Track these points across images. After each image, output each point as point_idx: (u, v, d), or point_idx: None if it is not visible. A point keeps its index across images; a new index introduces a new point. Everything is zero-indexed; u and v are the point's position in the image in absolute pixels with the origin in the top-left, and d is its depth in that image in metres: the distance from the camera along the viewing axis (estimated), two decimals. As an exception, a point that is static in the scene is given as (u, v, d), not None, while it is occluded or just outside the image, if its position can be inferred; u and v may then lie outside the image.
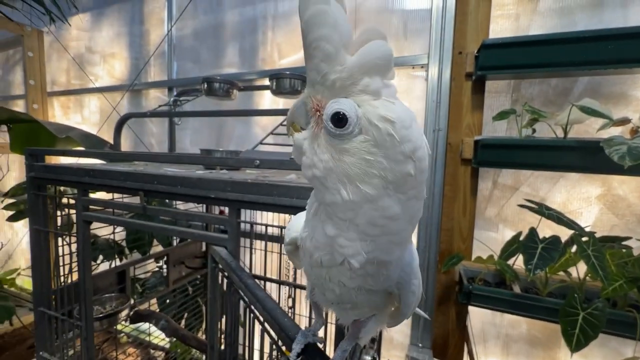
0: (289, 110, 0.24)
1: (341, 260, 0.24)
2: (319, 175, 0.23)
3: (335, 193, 0.23)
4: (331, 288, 0.28)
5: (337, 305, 0.30)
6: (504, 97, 1.28)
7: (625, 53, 0.97)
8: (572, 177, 1.21)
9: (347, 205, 0.23)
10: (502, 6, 1.26)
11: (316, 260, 0.26)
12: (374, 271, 0.25)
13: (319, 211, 0.25)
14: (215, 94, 1.03)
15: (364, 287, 0.26)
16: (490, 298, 1.10)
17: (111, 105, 2.18)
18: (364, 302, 0.28)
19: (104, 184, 0.68)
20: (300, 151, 0.24)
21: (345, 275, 0.25)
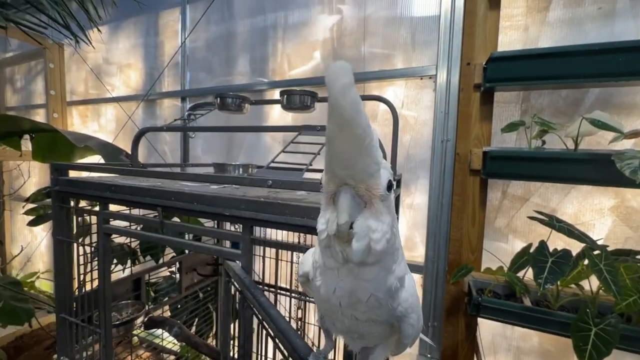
0: (342, 212, 0.23)
1: (367, 297, 0.27)
2: (388, 237, 0.26)
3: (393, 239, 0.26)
4: (341, 320, 0.30)
5: (346, 334, 0.32)
6: (513, 107, 1.28)
7: (636, 65, 0.96)
8: (584, 189, 1.20)
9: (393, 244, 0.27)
10: (510, 17, 1.26)
11: (333, 303, 0.28)
12: (384, 302, 0.27)
13: (339, 270, 0.28)
14: (228, 108, 1.07)
15: (372, 319, 0.30)
16: (500, 310, 1.09)
17: (127, 114, 2.25)
18: (370, 332, 0.31)
19: (124, 199, 0.72)
20: (365, 232, 0.25)
21: (360, 310, 0.28)
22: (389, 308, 0.29)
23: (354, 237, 0.24)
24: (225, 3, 1.88)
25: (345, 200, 0.23)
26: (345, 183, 0.24)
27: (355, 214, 0.24)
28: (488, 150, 1.16)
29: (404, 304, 0.30)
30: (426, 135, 1.41)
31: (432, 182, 1.34)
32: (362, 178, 0.24)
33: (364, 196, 0.24)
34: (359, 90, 1.55)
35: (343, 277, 0.28)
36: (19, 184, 2.94)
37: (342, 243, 0.25)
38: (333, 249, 0.26)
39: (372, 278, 0.27)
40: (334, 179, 0.24)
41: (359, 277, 0.27)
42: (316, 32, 1.64)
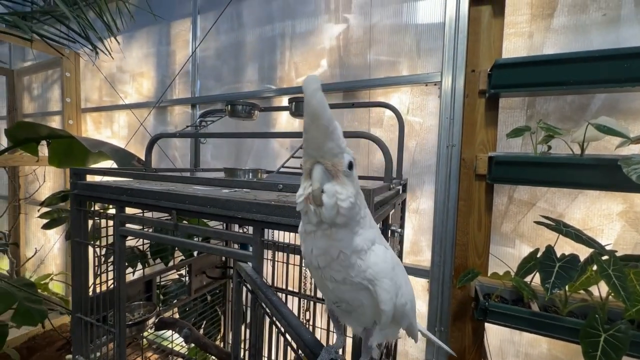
0: (315, 181, 0.32)
1: (337, 254, 0.33)
2: (352, 200, 0.33)
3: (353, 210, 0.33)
4: (326, 285, 0.36)
5: (340, 308, 0.36)
6: (518, 113, 1.29)
7: None
8: (592, 194, 1.20)
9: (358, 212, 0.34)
10: (515, 24, 1.28)
11: (317, 263, 0.35)
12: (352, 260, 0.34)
13: (311, 233, 0.35)
14: (238, 115, 1.11)
15: (348, 280, 0.34)
16: (507, 315, 1.09)
17: (138, 120, 2.32)
18: (354, 299, 0.36)
19: (139, 202, 0.75)
20: (333, 194, 0.32)
21: (334, 269, 0.34)
22: (360, 269, 0.34)
23: (324, 197, 0.31)
24: (235, 13, 1.94)
25: (318, 172, 0.31)
26: (318, 161, 0.31)
27: (325, 182, 0.32)
28: (494, 156, 1.17)
29: (374, 267, 0.34)
30: (431, 141, 1.43)
31: (438, 187, 1.35)
32: (329, 157, 0.31)
33: (332, 171, 0.32)
34: (365, 97, 1.57)
35: (318, 238, 0.34)
36: (34, 188, 3.03)
37: (316, 206, 0.32)
38: (309, 213, 0.33)
39: (341, 238, 0.33)
40: (310, 158, 0.32)
41: (330, 237, 0.34)
42: (323, 40, 1.68)
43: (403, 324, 0.41)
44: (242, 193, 0.70)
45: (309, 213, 0.33)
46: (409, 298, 0.40)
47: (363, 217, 0.35)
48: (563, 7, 1.21)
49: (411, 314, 0.42)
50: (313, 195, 0.31)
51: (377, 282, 0.35)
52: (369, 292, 0.35)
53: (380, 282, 0.35)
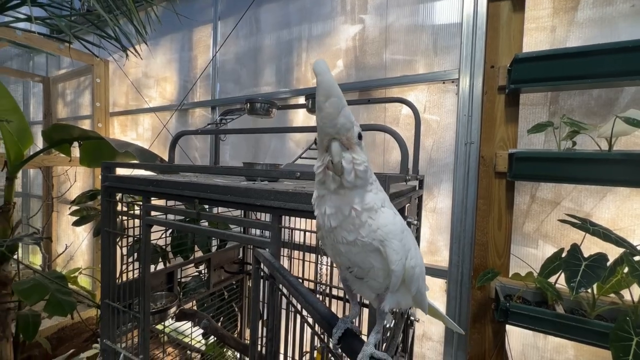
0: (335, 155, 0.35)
1: (348, 211, 0.36)
2: (366, 165, 0.37)
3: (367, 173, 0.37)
4: (339, 249, 0.38)
5: (352, 274, 0.40)
6: (540, 109, 1.25)
7: None
8: (622, 192, 1.14)
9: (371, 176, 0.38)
10: (536, 19, 1.25)
11: (329, 224, 0.37)
12: (363, 217, 0.36)
13: (326, 196, 0.38)
14: (257, 112, 1.15)
15: (359, 241, 0.36)
16: (530, 317, 1.05)
17: (162, 122, 2.43)
18: (365, 262, 0.38)
19: (165, 192, 0.79)
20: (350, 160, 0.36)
21: (345, 229, 0.36)
22: (370, 228, 0.36)
23: (344, 165, 0.35)
24: (253, 19, 2.00)
25: (336, 146, 0.35)
26: (333, 137, 0.35)
27: (342, 154, 0.35)
28: (514, 152, 1.14)
29: (383, 228, 0.37)
30: (449, 139, 1.41)
31: (456, 185, 1.33)
32: (343, 132, 0.35)
33: (346, 144, 0.36)
34: (381, 96, 1.57)
35: (331, 199, 0.37)
36: (65, 187, 3.22)
37: (338, 174, 0.35)
38: (328, 180, 0.37)
39: (353, 196, 0.37)
40: (326, 136, 0.35)
41: (342, 197, 0.37)
42: (339, 41, 1.70)
43: (412, 289, 0.41)
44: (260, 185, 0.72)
45: (327, 180, 0.37)
46: (418, 262, 0.41)
47: (372, 182, 0.39)
48: (588, 0, 1.17)
49: (420, 279, 0.43)
50: (334, 165, 0.35)
51: (387, 243, 0.37)
52: (379, 254, 0.37)
53: (389, 243, 0.37)
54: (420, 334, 1.49)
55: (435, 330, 1.46)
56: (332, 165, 0.35)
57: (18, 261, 2.03)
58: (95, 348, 1.52)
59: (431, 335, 1.47)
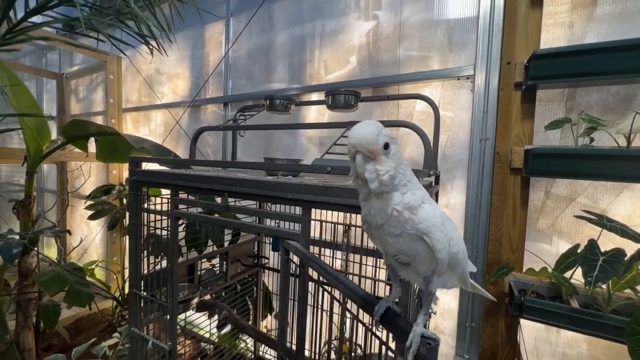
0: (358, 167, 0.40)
1: (390, 211, 0.40)
2: (392, 173, 0.40)
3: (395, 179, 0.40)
4: (387, 240, 0.42)
5: (398, 261, 0.43)
6: (557, 105, 1.25)
7: None
8: (638, 188, 1.14)
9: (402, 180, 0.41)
10: (554, 15, 1.25)
11: (376, 222, 0.42)
12: (404, 214, 0.40)
13: (369, 197, 0.42)
14: (276, 109, 1.17)
15: (404, 233, 0.40)
16: (544, 311, 1.06)
17: (174, 119, 2.46)
18: (412, 250, 0.41)
19: (194, 186, 0.82)
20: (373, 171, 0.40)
21: (392, 225, 0.41)
22: (413, 222, 0.40)
23: (366, 176, 0.39)
24: (266, 15, 2.01)
25: (359, 159, 0.39)
26: (358, 151, 0.39)
27: (364, 165, 0.39)
28: (531, 148, 1.14)
29: (425, 222, 0.40)
30: (463, 135, 1.42)
31: (470, 181, 1.34)
32: (365, 146, 0.39)
33: (369, 156, 0.39)
34: (395, 93, 1.58)
35: (374, 202, 0.42)
36: (79, 182, 3.29)
37: (363, 183, 0.40)
38: (360, 186, 0.42)
39: (390, 198, 0.40)
40: (352, 148, 0.40)
41: (383, 200, 0.41)
42: (352, 38, 1.71)
43: (457, 271, 0.46)
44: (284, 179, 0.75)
45: (360, 187, 0.42)
46: (460, 248, 0.45)
47: (408, 183, 0.42)
48: (607, -5, 1.16)
49: (463, 262, 0.46)
50: (358, 176, 0.40)
51: (431, 235, 0.40)
52: (423, 243, 0.41)
53: (433, 235, 0.40)
54: (432, 328, 1.51)
55: (447, 324, 1.48)
56: (356, 175, 0.40)
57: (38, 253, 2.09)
58: (116, 337, 1.57)
59: (443, 329, 1.49)
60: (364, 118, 1.53)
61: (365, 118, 1.54)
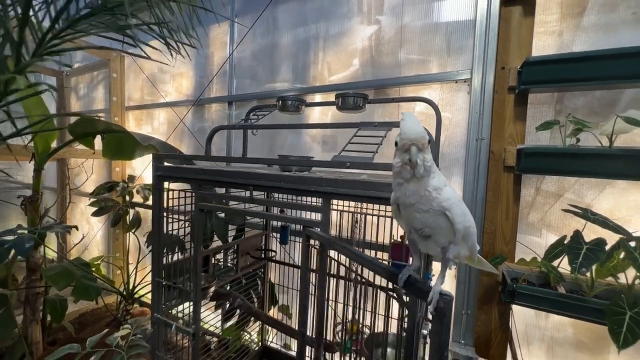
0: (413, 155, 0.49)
1: (423, 191, 0.50)
2: (431, 162, 0.50)
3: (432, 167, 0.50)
4: (415, 216, 0.51)
5: (422, 234, 0.52)
6: (547, 108, 1.35)
7: None
8: (620, 185, 1.24)
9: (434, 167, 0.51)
10: (545, 23, 1.34)
11: (408, 202, 0.51)
12: (433, 194, 0.50)
13: (404, 183, 0.51)
14: (288, 109, 1.24)
15: (431, 209, 0.50)
16: (534, 297, 1.16)
17: (178, 117, 2.51)
18: (435, 223, 0.51)
19: (219, 180, 0.89)
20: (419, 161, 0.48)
21: (422, 203, 0.50)
22: (439, 200, 0.50)
23: (418, 162, 0.48)
24: (270, 17, 2.07)
25: (414, 150, 0.48)
26: (413, 143, 0.48)
27: (418, 154, 0.48)
28: (523, 148, 1.24)
29: (448, 201, 0.50)
30: (459, 135, 1.51)
31: (467, 178, 1.43)
32: (419, 141, 0.48)
33: (420, 147, 0.49)
34: (395, 94, 1.66)
35: (410, 185, 0.51)
36: (79, 179, 3.31)
37: (412, 168, 0.49)
38: (404, 171, 0.50)
39: (425, 182, 0.50)
40: (408, 141, 0.48)
41: (419, 183, 0.50)
42: (355, 41, 1.78)
43: (469, 242, 0.55)
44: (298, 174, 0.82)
45: (403, 172, 0.50)
46: (471, 224, 0.55)
47: (434, 171, 0.52)
48: (593, 6, 1.26)
49: (473, 235, 0.56)
50: (411, 162, 0.48)
51: (452, 210, 0.50)
52: (445, 217, 0.50)
53: (453, 210, 0.50)
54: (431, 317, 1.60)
55: (444, 312, 1.57)
56: (410, 162, 0.48)
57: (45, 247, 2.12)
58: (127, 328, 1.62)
59: (440, 317, 1.58)
60: (369, 118, 1.61)
61: (370, 118, 1.63)
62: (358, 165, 0.71)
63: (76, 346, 1.55)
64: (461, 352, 1.39)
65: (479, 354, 1.38)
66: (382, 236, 1.45)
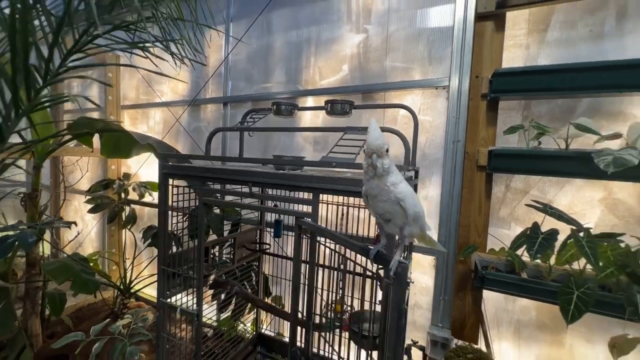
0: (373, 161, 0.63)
1: (383, 186, 0.64)
2: (388, 166, 0.63)
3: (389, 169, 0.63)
4: (378, 204, 0.66)
5: (384, 218, 0.66)
6: (515, 113, 1.50)
7: (620, 80, 1.17)
8: (577, 183, 1.40)
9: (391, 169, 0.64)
10: (514, 37, 1.48)
11: (373, 194, 0.66)
12: (390, 188, 0.63)
13: (370, 179, 0.65)
14: (282, 113, 1.35)
15: (389, 200, 0.64)
16: (501, 282, 1.31)
17: (174, 117, 2.58)
18: (393, 210, 0.65)
19: (221, 177, 0.99)
20: (378, 164, 0.62)
21: (382, 195, 0.65)
22: (395, 192, 0.64)
23: (377, 165, 0.62)
24: (265, 21, 2.17)
25: (375, 157, 0.62)
26: (374, 152, 0.61)
27: (377, 160, 0.62)
28: (493, 149, 1.38)
29: (401, 193, 0.64)
30: (439, 137, 1.64)
31: (444, 177, 1.57)
32: (378, 150, 0.62)
33: (380, 154, 0.62)
34: (381, 99, 1.79)
35: (374, 182, 0.64)
36: (72, 177, 3.34)
37: (374, 169, 0.62)
38: (369, 171, 0.64)
39: (383, 180, 0.63)
40: (370, 151, 0.62)
41: (379, 180, 0.64)
42: (344, 48, 1.90)
43: (418, 224, 0.69)
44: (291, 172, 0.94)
45: (368, 171, 0.64)
46: (420, 209, 0.68)
47: (393, 171, 0.65)
48: (555, 24, 1.41)
49: (422, 219, 0.70)
50: (372, 165, 0.62)
51: (405, 200, 0.64)
52: (399, 206, 0.64)
53: (406, 200, 0.64)
54: (412, 304, 1.74)
55: (425, 299, 1.71)
56: (371, 165, 0.62)
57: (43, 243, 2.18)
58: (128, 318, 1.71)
59: (421, 304, 1.73)
60: (356, 122, 1.73)
61: (357, 122, 1.75)
62: (343, 165, 0.83)
63: (80, 334, 1.65)
64: (439, 334, 1.53)
65: (455, 336, 1.52)
66: (368, 230, 1.58)
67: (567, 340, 1.43)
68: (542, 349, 1.48)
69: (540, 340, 1.48)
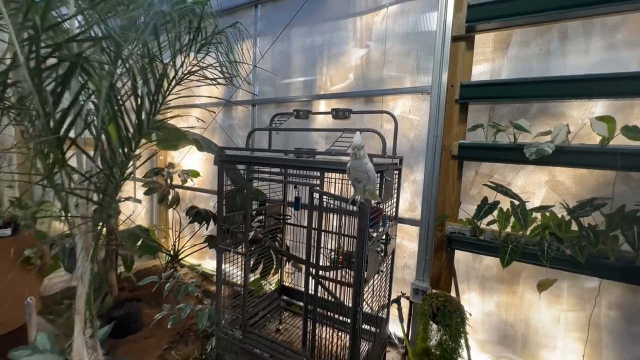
0: (352, 156, 1.09)
1: (359, 163, 1.11)
2: (362, 153, 1.13)
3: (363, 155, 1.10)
4: (354, 173, 1.14)
5: (357, 181, 1.10)
6: (483, 114, 1.90)
7: (561, 91, 1.56)
8: (529, 168, 1.80)
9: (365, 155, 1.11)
10: (482, 53, 1.88)
11: (353, 167, 1.12)
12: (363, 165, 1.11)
13: (353, 160, 1.13)
14: (300, 117, 1.83)
15: (362, 170, 1.12)
16: (464, 242, 1.76)
17: (211, 115, 3.12)
18: (362, 176, 1.13)
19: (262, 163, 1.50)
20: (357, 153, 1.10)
21: (358, 167, 1.12)
22: (364, 167, 1.11)
23: (356, 154, 1.11)
24: (287, 37, 2.64)
25: (354, 150, 1.11)
26: (355, 147, 1.10)
27: (357, 151, 1.09)
28: (461, 143, 1.80)
29: (367, 166, 1.12)
30: (424, 133, 2.07)
31: (427, 164, 2.00)
32: (358, 146, 1.10)
33: (358, 148, 1.11)
34: (380, 102, 2.25)
35: (354, 162, 1.14)
36: (126, 167, 3.98)
37: (355, 155, 1.11)
38: (352, 156, 1.14)
39: (360, 160, 1.12)
40: (352, 146, 1.11)
41: (357, 161, 1.13)
42: (350, 60, 2.34)
43: (374, 184, 1.15)
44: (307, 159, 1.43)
45: (352, 156, 1.12)
46: (375, 177, 1.14)
47: (365, 156, 1.12)
48: (514, 43, 1.79)
49: (375, 182, 1.16)
50: (354, 153, 1.10)
51: (369, 171, 1.10)
52: (366, 174, 1.11)
53: (370, 171, 1.10)
54: (402, 265, 2.21)
55: (412, 262, 2.17)
56: (354, 153, 1.08)
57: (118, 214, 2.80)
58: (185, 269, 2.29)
59: (409, 265, 2.19)
60: (354, 124, 2.18)
61: (354, 124, 2.20)
62: (339, 154, 1.30)
63: (155, 277, 2.24)
64: (421, 286, 1.99)
65: (432, 287, 1.98)
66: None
67: (520, 290, 1.85)
68: (500, 297, 1.91)
69: (499, 290, 1.91)
